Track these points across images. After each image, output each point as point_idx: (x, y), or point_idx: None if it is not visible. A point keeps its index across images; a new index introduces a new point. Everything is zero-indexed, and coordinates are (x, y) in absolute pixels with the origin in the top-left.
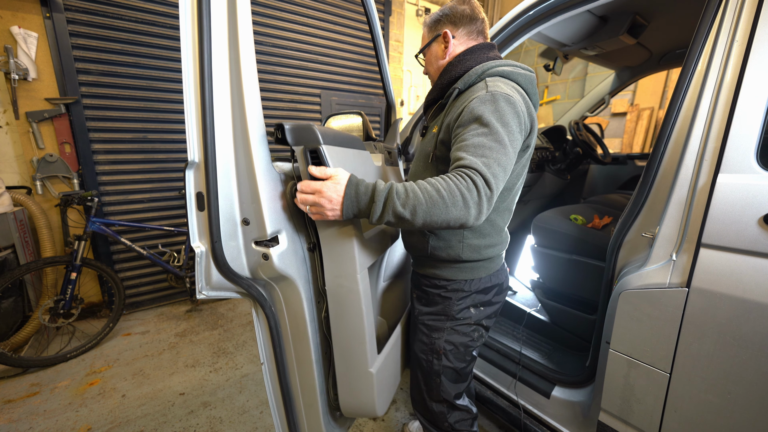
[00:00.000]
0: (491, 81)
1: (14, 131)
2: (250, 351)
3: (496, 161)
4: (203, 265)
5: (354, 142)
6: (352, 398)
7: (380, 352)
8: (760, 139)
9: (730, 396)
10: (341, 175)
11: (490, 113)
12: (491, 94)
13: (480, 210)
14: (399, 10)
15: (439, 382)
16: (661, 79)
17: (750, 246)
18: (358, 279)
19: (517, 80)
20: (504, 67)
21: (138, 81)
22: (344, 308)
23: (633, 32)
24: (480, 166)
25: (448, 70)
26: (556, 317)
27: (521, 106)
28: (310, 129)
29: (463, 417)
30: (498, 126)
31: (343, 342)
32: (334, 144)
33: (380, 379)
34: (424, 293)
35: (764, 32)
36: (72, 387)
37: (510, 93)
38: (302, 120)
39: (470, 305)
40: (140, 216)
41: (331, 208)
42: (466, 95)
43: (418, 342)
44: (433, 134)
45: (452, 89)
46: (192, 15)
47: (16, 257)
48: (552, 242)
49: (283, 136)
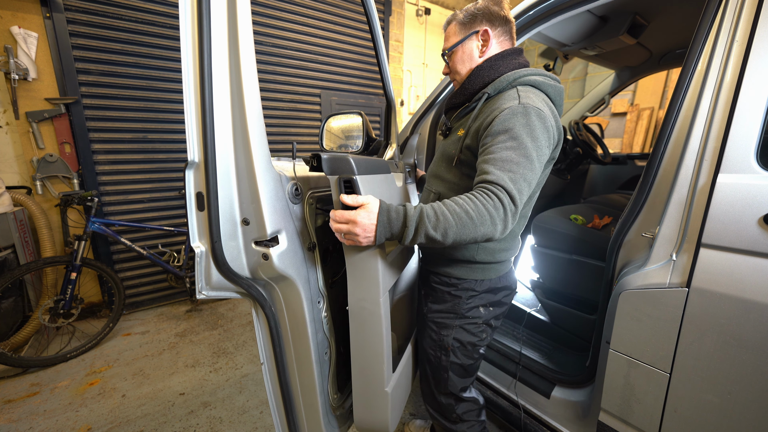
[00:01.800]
0: (523, 91)
1: (14, 131)
2: (250, 351)
3: (522, 176)
4: (203, 265)
5: (381, 167)
6: (367, 415)
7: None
8: (760, 139)
9: (730, 396)
10: (373, 203)
11: (521, 126)
12: (523, 106)
13: (506, 225)
14: (399, 10)
15: (447, 377)
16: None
17: (750, 246)
18: (381, 302)
19: (547, 92)
20: (536, 77)
21: (138, 81)
22: (365, 329)
23: (633, 32)
24: (506, 182)
25: (479, 74)
26: (556, 317)
27: (551, 120)
28: (346, 160)
29: (471, 408)
30: (527, 141)
31: (362, 361)
32: (366, 173)
33: (394, 397)
34: (432, 290)
35: (764, 32)
36: (72, 387)
37: (541, 107)
38: (302, 120)
39: (480, 305)
40: (140, 216)
41: (365, 236)
42: (495, 102)
43: (426, 338)
44: (458, 137)
45: (482, 93)
46: (192, 15)
47: (16, 257)
48: (552, 242)
49: (318, 165)
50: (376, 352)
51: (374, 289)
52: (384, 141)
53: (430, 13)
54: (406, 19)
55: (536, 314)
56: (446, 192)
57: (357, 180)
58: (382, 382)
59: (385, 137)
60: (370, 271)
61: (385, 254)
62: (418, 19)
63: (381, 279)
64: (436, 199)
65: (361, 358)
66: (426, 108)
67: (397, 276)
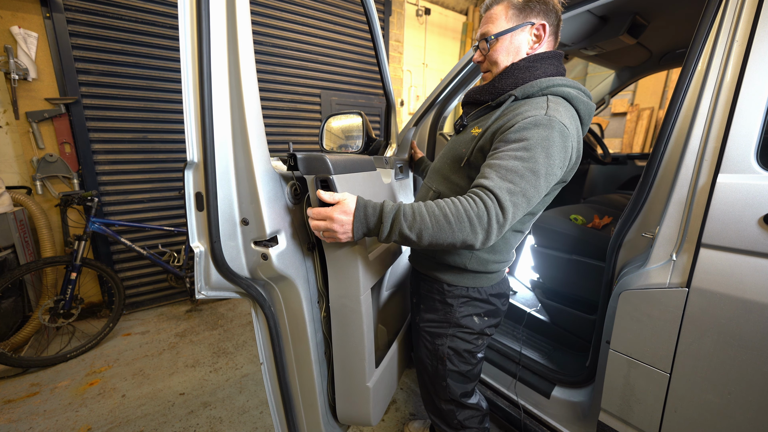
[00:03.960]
0: (553, 102)
1: (14, 131)
2: (250, 351)
3: (523, 192)
4: (202, 265)
5: (364, 165)
6: (349, 408)
7: (378, 366)
8: (760, 139)
9: (730, 396)
10: (349, 198)
11: (538, 139)
12: (549, 118)
13: (488, 235)
14: (399, 10)
15: (446, 385)
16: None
17: (750, 246)
18: (361, 300)
19: (578, 108)
20: (570, 89)
21: (138, 81)
22: (346, 326)
23: (633, 32)
24: (502, 192)
25: (513, 72)
26: (556, 317)
27: (573, 141)
28: (321, 159)
29: (473, 414)
30: (540, 155)
31: (343, 356)
32: (345, 171)
33: (376, 392)
34: (424, 298)
35: (764, 32)
36: (72, 387)
37: (568, 124)
38: (302, 120)
39: (473, 313)
40: (140, 216)
41: (343, 231)
42: (521, 107)
43: (422, 348)
44: (472, 136)
45: (508, 95)
46: (191, 15)
47: (16, 257)
48: (552, 242)
49: (295, 164)
50: (357, 350)
51: (354, 287)
52: (384, 141)
53: (430, 13)
54: (406, 19)
55: (536, 314)
56: (448, 193)
57: (333, 179)
58: (364, 377)
59: (385, 137)
60: (350, 269)
61: (366, 252)
62: (418, 19)
63: (361, 277)
64: (435, 198)
65: (343, 355)
66: (426, 108)
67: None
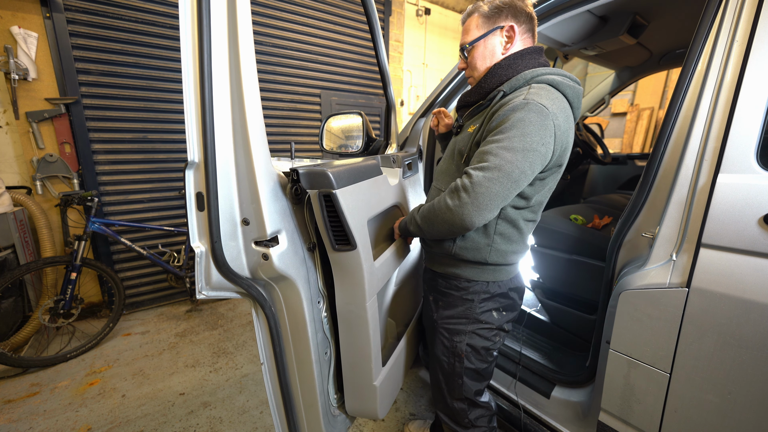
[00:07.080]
0: (535, 89)
1: (14, 131)
2: (250, 351)
3: (497, 167)
4: (203, 265)
5: (369, 171)
6: (357, 403)
7: (385, 364)
8: (760, 139)
9: (731, 396)
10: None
11: (514, 121)
12: (526, 102)
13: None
14: (399, 10)
15: (462, 383)
16: (661, 79)
17: (750, 246)
18: (367, 307)
19: (565, 92)
20: (554, 76)
21: (138, 81)
22: (353, 331)
23: (633, 32)
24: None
25: (496, 73)
26: (556, 317)
27: (554, 119)
28: (324, 175)
29: (483, 414)
30: (515, 134)
31: (351, 358)
32: (348, 183)
33: (383, 389)
34: (442, 295)
35: (764, 32)
36: (72, 387)
37: (547, 104)
38: (302, 120)
39: (493, 308)
40: (140, 216)
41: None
42: (508, 99)
43: (438, 345)
44: (469, 134)
45: (497, 91)
46: (192, 15)
47: (16, 257)
48: (552, 242)
49: (297, 179)
50: (364, 352)
51: (360, 294)
52: (384, 141)
53: (430, 13)
54: (406, 19)
55: (536, 314)
56: None
57: (337, 195)
58: (371, 377)
59: (385, 137)
60: (355, 278)
61: (372, 260)
62: (418, 19)
63: (367, 285)
64: None
65: (351, 357)
66: (426, 107)
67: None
